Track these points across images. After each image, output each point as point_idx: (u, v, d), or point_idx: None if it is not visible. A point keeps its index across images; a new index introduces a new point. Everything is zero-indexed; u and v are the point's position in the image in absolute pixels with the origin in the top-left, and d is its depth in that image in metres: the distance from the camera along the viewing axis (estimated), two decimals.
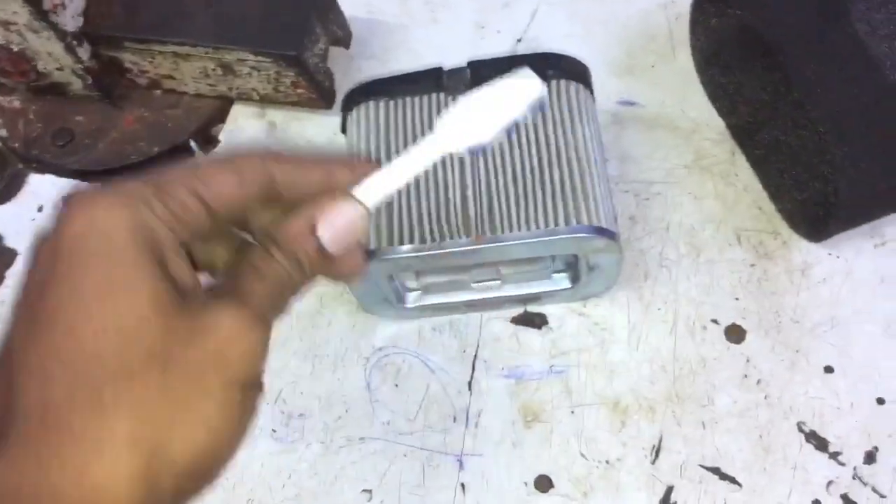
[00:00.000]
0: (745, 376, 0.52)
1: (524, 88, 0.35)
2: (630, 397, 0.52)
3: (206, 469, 0.30)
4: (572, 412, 0.52)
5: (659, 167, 0.59)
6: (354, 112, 0.53)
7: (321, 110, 0.63)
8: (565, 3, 0.66)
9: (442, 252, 0.48)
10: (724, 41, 0.59)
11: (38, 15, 0.54)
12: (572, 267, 0.53)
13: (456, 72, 0.53)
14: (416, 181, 0.49)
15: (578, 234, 0.47)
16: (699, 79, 0.61)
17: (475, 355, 0.55)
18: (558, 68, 0.52)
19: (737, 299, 0.54)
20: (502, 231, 0.48)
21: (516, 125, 0.36)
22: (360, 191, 0.34)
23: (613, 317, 0.55)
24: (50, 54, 0.58)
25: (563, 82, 0.52)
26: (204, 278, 0.34)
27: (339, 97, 0.62)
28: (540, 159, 0.49)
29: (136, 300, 0.28)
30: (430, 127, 0.50)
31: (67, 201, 0.30)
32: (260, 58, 0.57)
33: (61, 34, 0.56)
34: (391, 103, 0.53)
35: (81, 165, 0.63)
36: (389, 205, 0.49)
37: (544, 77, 0.51)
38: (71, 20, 0.57)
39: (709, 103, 0.60)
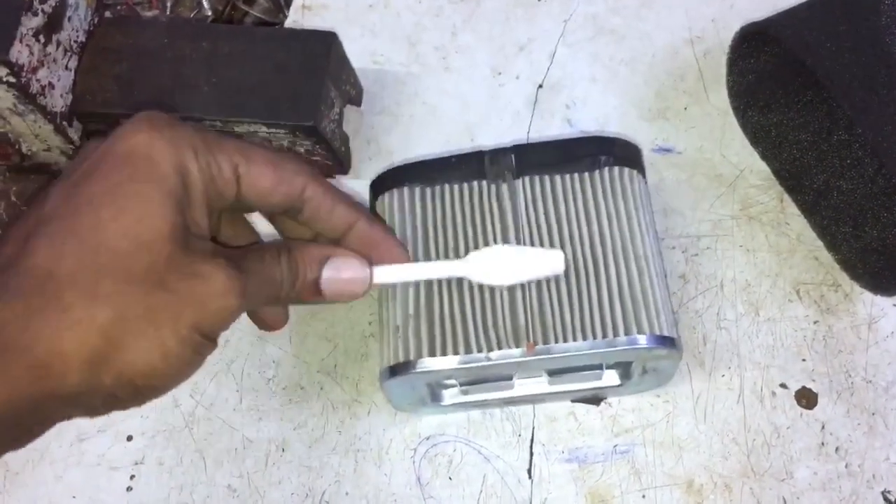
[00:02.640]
0: (823, 444, 0.49)
1: (552, 264, 0.41)
2: (703, 475, 0.49)
3: (143, 386, 0.33)
4: (643, 496, 0.49)
5: (705, 219, 0.55)
6: (386, 197, 0.49)
7: (335, 176, 0.58)
8: (584, 44, 0.62)
9: (489, 364, 0.44)
10: (762, 81, 0.56)
11: (25, 99, 0.49)
12: (623, 365, 0.49)
13: (499, 156, 0.49)
14: (460, 285, 0.45)
15: (640, 347, 0.44)
16: (738, 122, 0.58)
17: (532, 439, 0.51)
18: (611, 153, 0.48)
19: (804, 360, 0.51)
20: (556, 340, 0.44)
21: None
22: (378, 267, 0.39)
23: (675, 387, 0.51)
24: (36, 136, 0.53)
25: (616, 169, 0.48)
26: None
27: (354, 159, 0.58)
28: (595, 257, 0.46)
29: (159, 222, 0.33)
30: (473, 220, 0.48)
31: (136, 117, 0.35)
32: (273, 129, 0.52)
33: (51, 116, 0.51)
34: (428, 190, 0.48)
35: None
36: (431, 310, 0.45)
37: (598, 164, 0.47)
38: (60, 99, 0.51)
39: (750, 147, 0.57)
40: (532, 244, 0.46)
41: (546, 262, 0.41)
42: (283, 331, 0.53)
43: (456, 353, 0.44)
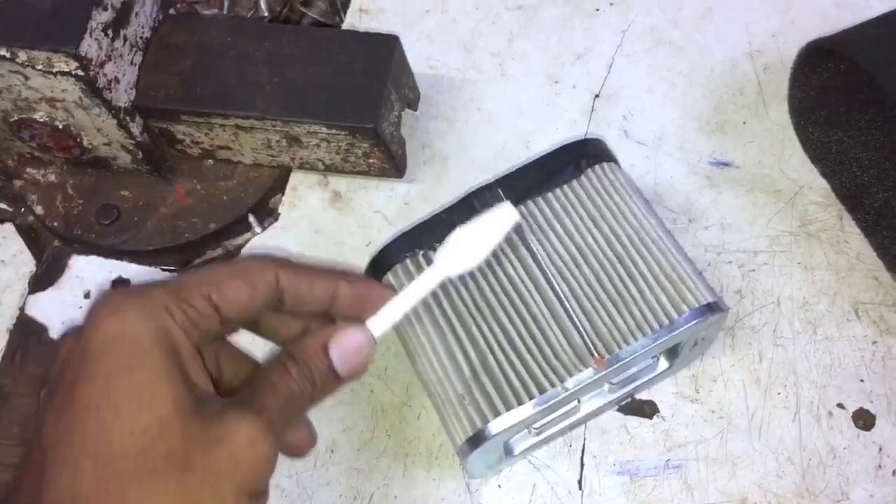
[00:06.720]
0: (880, 467, 0.48)
1: (504, 218, 0.41)
2: (757, 494, 0.48)
3: None
4: None
5: (762, 234, 0.55)
6: (391, 277, 0.48)
7: (390, 179, 0.58)
8: (642, 55, 0.62)
9: (569, 393, 0.43)
10: (824, 97, 0.55)
11: (91, 92, 0.49)
12: (671, 348, 0.48)
13: (486, 195, 0.49)
14: (506, 336, 0.45)
15: (697, 321, 0.44)
16: (798, 138, 0.57)
17: (583, 450, 0.50)
18: (586, 155, 0.50)
19: (861, 381, 0.51)
20: (619, 346, 0.44)
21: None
22: (370, 321, 0.38)
23: (730, 403, 0.51)
24: (99, 130, 0.53)
25: (597, 168, 0.49)
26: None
27: (408, 162, 0.58)
28: (618, 255, 0.47)
29: (161, 405, 0.32)
30: (490, 265, 0.47)
31: (98, 305, 0.34)
32: (334, 130, 0.52)
33: (115, 110, 0.51)
34: (431, 253, 0.48)
35: (130, 245, 0.57)
36: (488, 366, 0.44)
37: (580, 168, 0.48)
38: (124, 94, 0.52)
39: (809, 163, 0.57)
40: (554, 267, 0.47)
41: (500, 219, 0.41)
42: None
43: (531, 396, 0.43)
